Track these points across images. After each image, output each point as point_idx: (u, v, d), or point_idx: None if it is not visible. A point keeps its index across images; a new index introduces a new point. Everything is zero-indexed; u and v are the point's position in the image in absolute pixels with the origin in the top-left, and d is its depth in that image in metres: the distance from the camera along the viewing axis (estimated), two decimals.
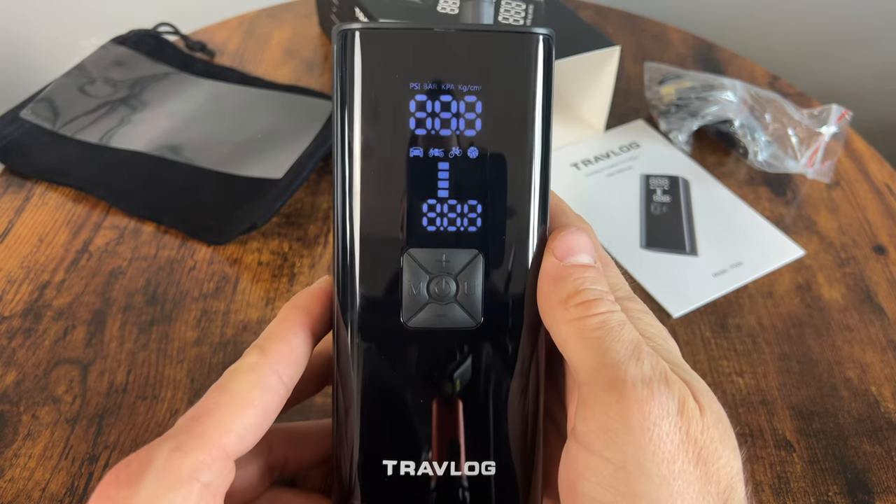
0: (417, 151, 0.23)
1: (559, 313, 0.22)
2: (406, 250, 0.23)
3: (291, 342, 0.23)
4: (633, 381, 0.20)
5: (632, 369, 0.20)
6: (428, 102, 0.22)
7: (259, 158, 0.50)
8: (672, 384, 0.20)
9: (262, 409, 0.22)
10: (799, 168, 0.51)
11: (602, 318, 0.21)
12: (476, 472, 0.24)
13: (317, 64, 0.61)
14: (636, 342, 0.21)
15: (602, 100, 0.53)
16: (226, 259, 0.44)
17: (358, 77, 0.22)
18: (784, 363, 0.39)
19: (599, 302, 0.22)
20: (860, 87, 0.86)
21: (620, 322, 0.22)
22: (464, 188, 0.23)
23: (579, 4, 0.70)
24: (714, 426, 0.20)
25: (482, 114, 0.22)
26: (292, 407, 0.27)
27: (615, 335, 0.21)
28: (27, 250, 0.44)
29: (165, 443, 0.21)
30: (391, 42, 0.22)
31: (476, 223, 0.23)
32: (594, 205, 0.49)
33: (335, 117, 0.23)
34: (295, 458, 0.28)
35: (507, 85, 0.23)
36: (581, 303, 0.22)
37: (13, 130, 0.50)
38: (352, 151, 0.23)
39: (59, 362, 0.38)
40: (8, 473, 0.33)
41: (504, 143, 0.23)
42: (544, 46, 0.23)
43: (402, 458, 0.23)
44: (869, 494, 0.34)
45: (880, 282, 0.44)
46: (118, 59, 0.57)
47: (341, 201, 0.23)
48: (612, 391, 0.20)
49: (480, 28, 0.23)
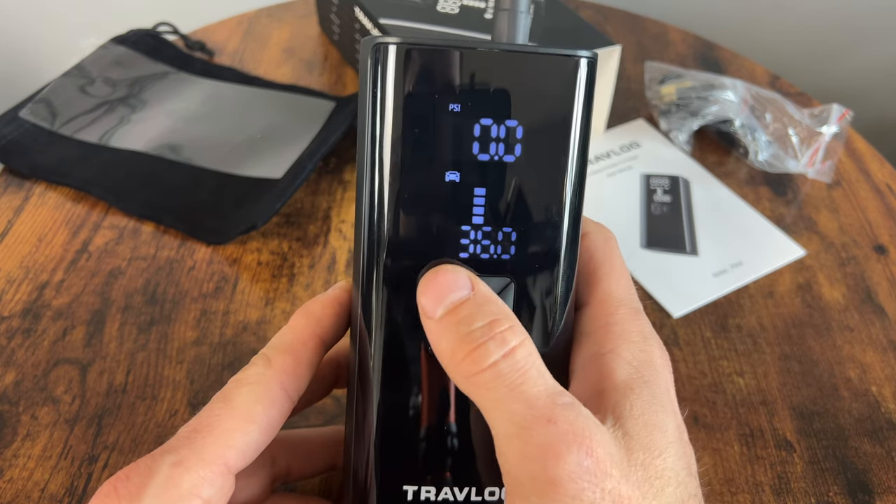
0: (454, 176, 0.22)
1: (458, 377, 0.20)
2: None
3: (300, 354, 0.23)
4: (541, 459, 0.18)
5: (539, 433, 0.18)
6: (467, 125, 0.21)
7: (259, 158, 0.50)
8: (584, 450, 0.18)
9: (265, 425, 0.22)
10: (799, 168, 0.51)
11: (494, 371, 0.19)
12: (496, 497, 0.23)
13: (316, 63, 0.61)
14: (547, 393, 0.19)
15: (602, 99, 0.53)
16: (225, 259, 0.44)
17: (391, 95, 0.21)
18: (784, 363, 0.39)
19: (484, 348, 0.20)
20: (861, 87, 0.85)
21: (520, 369, 0.20)
22: (499, 215, 0.22)
23: (580, 4, 0.70)
24: (639, 485, 0.19)
25: (522, 139, 0.22)
26: (297, 413, 0.27)
27: (516, 394, 0.19)
28: (26, 250, 0.43)
29: (167, 456, 0.21)
30: (429, 61, 0.21)
31: (510, 251, 0.22)
32: (594, 205, 0.49)
33: (365, 135, 0.22)
34: (297, 468, 0.28)
35: (548, 110, 0.22)
36: (466, 355, 0.20)
37: (12, 130, 0.50)
38: (382, 172, 0.22)
39: (59, 362, 0.37)
40: (7, 474, 0.33)
41: (542, 169, 0.22)
42: (587, 70, 0.22)
43: (423, 484, 0.23)
44: (869, 495, 0.34)
45: (881, 282, 0.44)
46: (117, 59, 0.57)
47: (368, 219, 0.22)
48: (527, 464, 0.19)
49: (523, 49, 0.22)
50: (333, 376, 0.27)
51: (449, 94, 0.21)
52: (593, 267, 0.24)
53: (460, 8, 0.52)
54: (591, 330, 0.23)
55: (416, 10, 0.51)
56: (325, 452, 0.29)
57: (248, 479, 0.26)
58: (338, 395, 0.36)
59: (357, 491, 0.24)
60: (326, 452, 0.29)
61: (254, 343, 0.39)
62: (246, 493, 0.26)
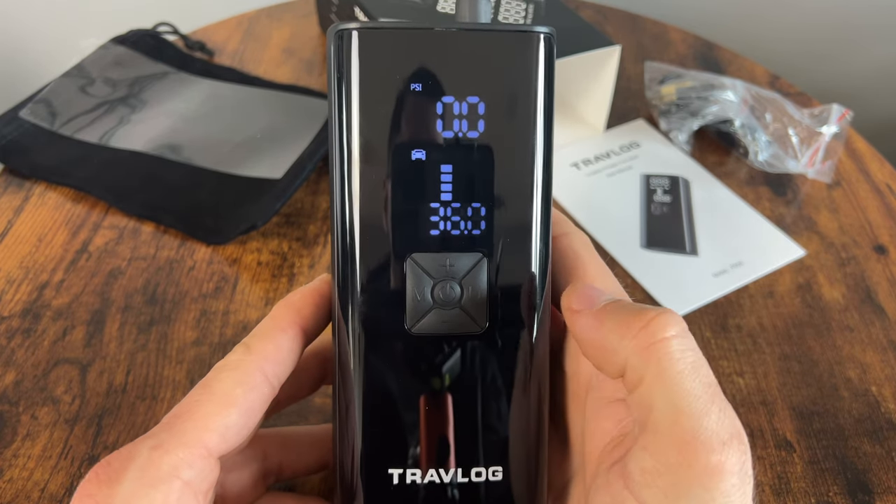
0: (420, 154, 0.22)
1: (632, 347, 0.20)
2: (409, 255, 0.23)
3: (279, 340, 0.23)
4: (709, 444, 0.18)
5: (709, 425, 0.18)
6: (430, 104, 0.22)
7: (258, 158, 0.50)
8: (743, 447, 0.19)
9: (245, 408, 0.22)
10: (799, 168, 0.51)
11: (680, 342, 0.19)
12: (483, 477, 0.23)
13: (316, 64, 0.61)
14: (713, 385, 0.19)
15: (602, 99, 0.53)
16: (225, 259, 0.44)
17: (356, 78, 0.22)
18: (784, 363, 0.39)
19: (665, 316, 0.20)
20: (861, 87, 0.86)
21: (697, 357, 0.20)
22: (467, 191, 0.22)
23: (580, 4, 0.70)
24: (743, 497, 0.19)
25: (485, 115, 0.22)
26: (287, 406, 0.27)
27: (695, 374, 0.19)
28: (26, 250, 0.43)
29: (146, 441, 0.21)
30: (390, 42, 0.22)
31: (480, 226, 0.23)
32: (594, 205, 0.49)
33: (332, 120, 0.22)
34: (290, 465, 0.28)
35: (509, 85, 0.22)
36: (647, 322, 0.20)
37: (12, 130, 0.50)
38: (350, 155, 0.22)
39: (59, 362, 0.37)
40: (7, 474, 0.33)
41: (507, 144, 0.22)
42: (545, 45, 0.22)
43: (408, 467, 0.23)
44: (869, 495, 0.34)
45: (881, 282, 0.44)
46: (117, 59, 0.57)
47: (340, 205, 0.22)
48: (684, 451, 0.18)
49: (481, 28, 0.23)
50: (321, 370, 0.27)
51: (410, 74, 0.22)
52: (572, 264, 0.24)
53: None
54: None
55: (416, 10, 0.51)
56: (319, 450, 0.29)
57: (238, 472, 0.26)
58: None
59: (344, 478, 0.24)
60: (320, 450, 0.29)
61: None
62: (237, 486, 0.26)
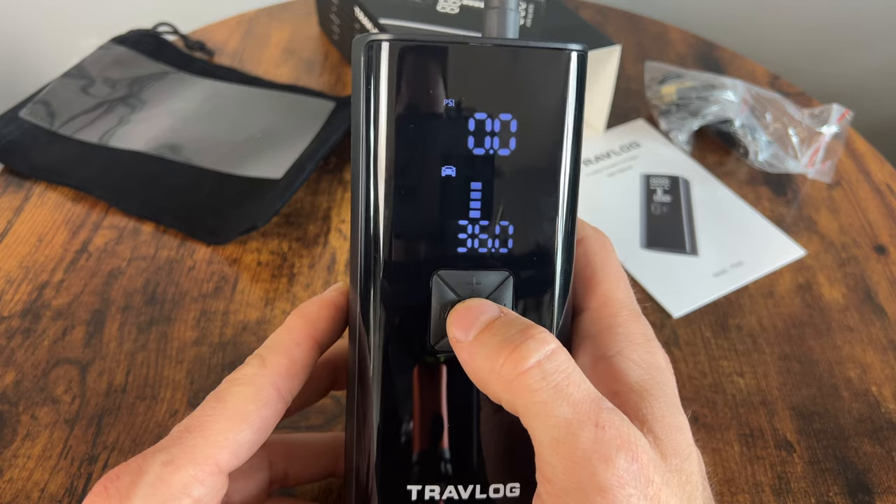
0: (450, 171, 0.22)
1: (498, 386, 0.20)
2: (436, 272, 0.22)
3: (294, 355, 0.23)
4: (590, 466, 0.18)
5: (586, 447, 0.18)
6: (462, 120, 0.21)
7: (259, 158, 0.50)
8: (632, 454, 0.18)
9: (258, 425, 0.22)
10: (799, 168, 0.51)
11: (539, 371, 0.19)
12: (501, 494, 0.23)
13: (316, 63, 0.61)
14: (585, 401, 0.19)
15: (602, 99, 0.53)
16: (225, 259, 0.44)
17: (385, 92, 0.21)
18: (784, 363, 0.39)
19: (525, 346, 0.19)
20: (861, 87, 0.85)
21: (564, 376, 0.19)
22: (496, 208, 0.22)
23: (580, 4, 0.70)
24: (676, 491, 0.19)
25: (516, 132, 0.22)
26: (295, 414, 0.27)
27: (561, 399, 0.19)
28: (26, 250, 0.43)
29: (158, 455, 0.21)
30: (423, 56, 0.21)
31: (507, 244, 0.22)
32: (594, 205, 0.49)
33: (359, 133, 0.22)
34: (295, 473, 0.28)
35: (542, 103, 0.22)
36: (507, 357, 0.19)
37: (12, 130, 0.50)
38: (378, 169, 0.22)
39: (58, 362, 0.37)
40: (7, 474, 0.33)
41: (538, 163, 0.22)
42: (578, 63, 0.22)
43: (426, 483, 0.23)
44: (869, 495, 0.34)
45: (881, 282, 0.44)
46: (117, 59, 0.57)
47: (365, 218, 0.22)
48: (571, 476, 0.18)
49: (516, 44, 0.22)
50: (330, 378, 0.27)
51: (442, 89, 0.21)
52: (591, 271, 0.24)
53: (460, 8, 0.52)
54: (594, 333, 0.23)
55: (416, 10, 0.51)
56: (324, 458, 0.28)
57: (244, 481, 0.26)
58: (338, 396, 0.36)
59: (360, 492, 0.23)
60: (325, 458, 0.28)
61: (254, 343, 0.39)
62: (242, 494, 0.26)
